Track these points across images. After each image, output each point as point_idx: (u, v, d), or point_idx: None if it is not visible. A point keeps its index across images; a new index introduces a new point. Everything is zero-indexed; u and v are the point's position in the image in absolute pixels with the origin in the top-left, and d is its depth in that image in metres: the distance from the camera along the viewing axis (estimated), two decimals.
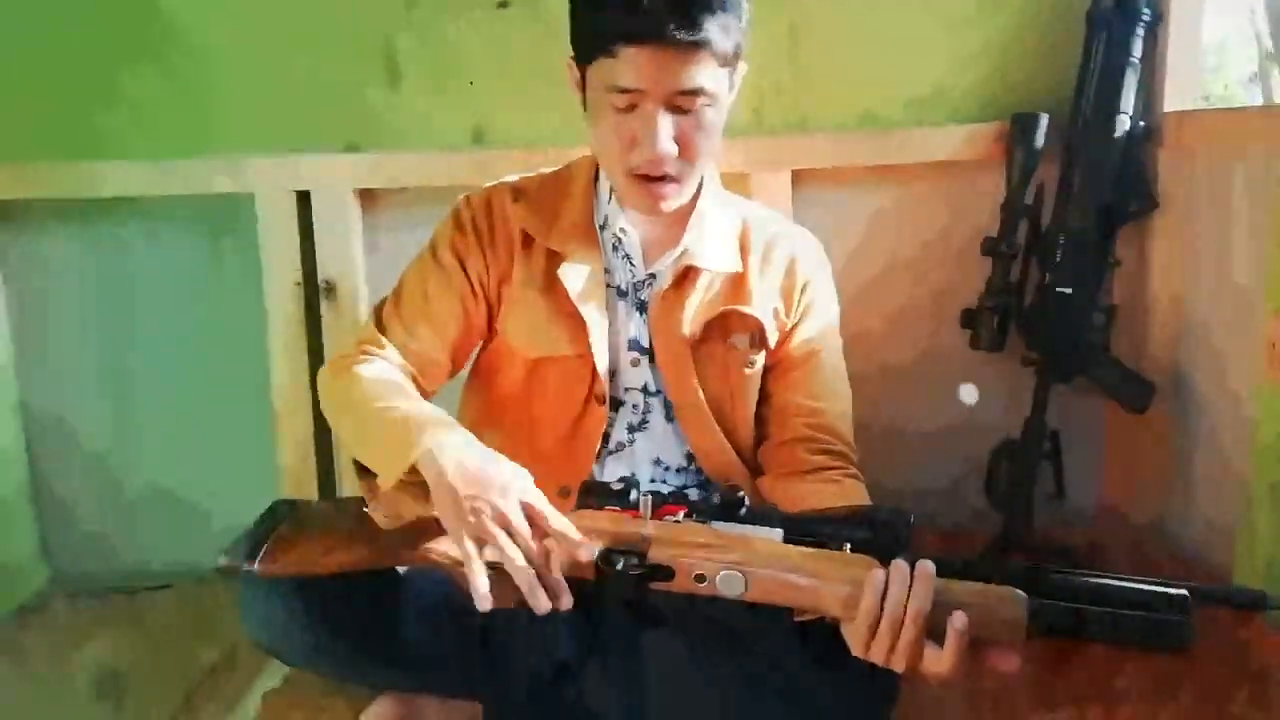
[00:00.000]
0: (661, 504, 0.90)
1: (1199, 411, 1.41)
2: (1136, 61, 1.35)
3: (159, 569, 1.58)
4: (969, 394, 1.51)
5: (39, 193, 1.51)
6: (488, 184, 1.13)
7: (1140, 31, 1.35)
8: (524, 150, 1.46)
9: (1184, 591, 0.74)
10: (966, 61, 1.48)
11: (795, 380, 1.12)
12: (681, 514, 0.90)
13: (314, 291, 1.51)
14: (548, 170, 1.14)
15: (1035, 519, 1.42)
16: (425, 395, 1.06)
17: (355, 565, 0.95)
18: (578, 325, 1.06)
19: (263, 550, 0.95)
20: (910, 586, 0.76)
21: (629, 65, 0.94)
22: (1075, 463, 1.45)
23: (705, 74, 0.94)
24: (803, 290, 1.12)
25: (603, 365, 1.07)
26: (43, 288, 1.57)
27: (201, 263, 1.56)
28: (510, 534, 0.85)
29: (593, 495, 0.91)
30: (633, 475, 1.11)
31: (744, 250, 1.11)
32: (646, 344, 1.10)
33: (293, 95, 1.50)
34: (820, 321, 1.14)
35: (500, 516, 0.85)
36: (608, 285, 1.09)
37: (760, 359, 1.11)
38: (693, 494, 1.10)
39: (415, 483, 0.91)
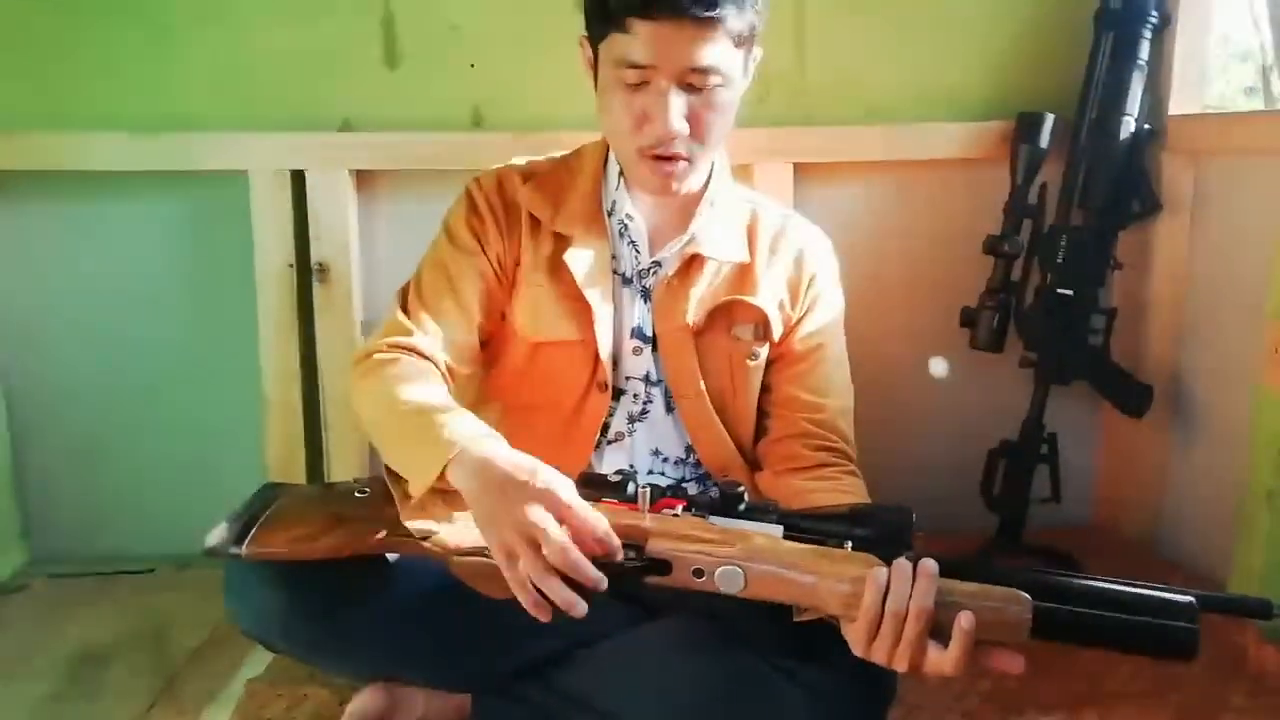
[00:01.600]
0: (659, 497, 0.87)
1: (1197, 416, 1.40)
2: (1143, 64, 1.35)
3: (142, 552, 1.55)
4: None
5: (19, 164, 1.46)
6: (491, 166, 1.11)
7: (1147, 34, 1.35)
8: (523, 133, 1.44)
9: (1191, 598, 0.73)
10: (973, 59, 1.47)
11: (798, 375, 1.10)
12: (680, 508, 0.88)
13: (306, 274, 1.48)
14: (558, 154, 1.12)
15: (1031, 521, 1.42)
16: (459, 382, 1.06)
17: (346, 550, 0.93)
18: (583, 310, 1.05)
19: (251, 533, 0.93)
20: (913, 585, 0.75)
21: (642, 40, 0.93)
22: (1072, 466, 1.44)
23: (719, 52, 0.94)
24: (810, 284, 1.11)
25: (605, 352, 1.05)
26: (25, 266, 1.53)
27: (190, 243, 1.53)
28: (546, 544, 0.79)
29: (590, 487, 0.87)
30: (630, 466, 1.09)
31: (752, 240, 1.10)
32: (650, 332, 1.09)
33: (288, 72, 1.47)
34: (826, 316, 1.12)
35: (533, 532, 0.79)
36: (614, 272, 1.08)
37: (764, 351, 1.10)
38: (691, 488, 1.10)
39: (447, 490, 0.88)
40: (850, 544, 0.82)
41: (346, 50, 1.47)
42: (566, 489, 0.83)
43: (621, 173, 1.07)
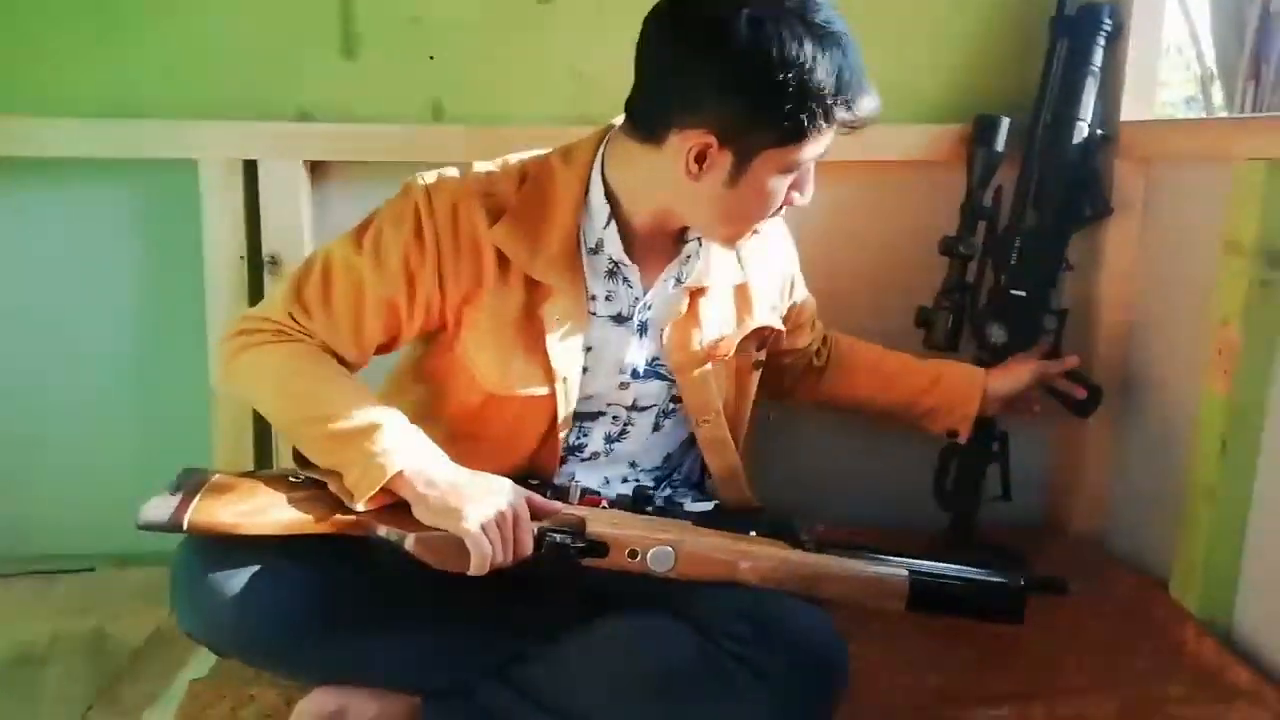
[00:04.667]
0: (585, 495, 1.01)
1: (1144, 417, 1.43)
2: (1096, 71, 1.37)
3: (82, 550, 1.50)
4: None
5: None
6: (447, 171, 1.03)
7: (1101, 41, 1.37)
8: (485, 126, 1.43)
9: (1020, 578, 1.01)
10: (932, 62, 1.48)
11: (798, 334, 1.27)
12: (604, 503, 1.00)
13: (258, 266, 1.45)
14: (514, 162, 1.05)
15: (983, 519, 1.44)
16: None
17: (296, 528, 0.92)
18: (552, 365, 1.02)
19: (194, 503, 0.91)
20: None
21: (827, 136, 0.94)
22: (1023, 464, 1.46)
23: None
24: (791, 285, 1.23)
25: (566, 412, 1.04)
26: None
27: (140, 232, 1.48)
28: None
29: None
30: (605, 479, 1.12)
31: (737, 250, 1.11)
32: (642, 368, 1.08)
33: (242, 60, 1.44)
34: (801, 287, 1.26)
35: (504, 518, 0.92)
36: (594, 314, 1.05)
37: (764, 354, 1.17)
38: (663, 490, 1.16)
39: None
40: (753, 533, 0.99)
41: (302, 39, 1.45)
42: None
43: (613, 213, 1.02)
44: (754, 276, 1.13)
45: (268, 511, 0.93)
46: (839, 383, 1.33)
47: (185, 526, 0.89)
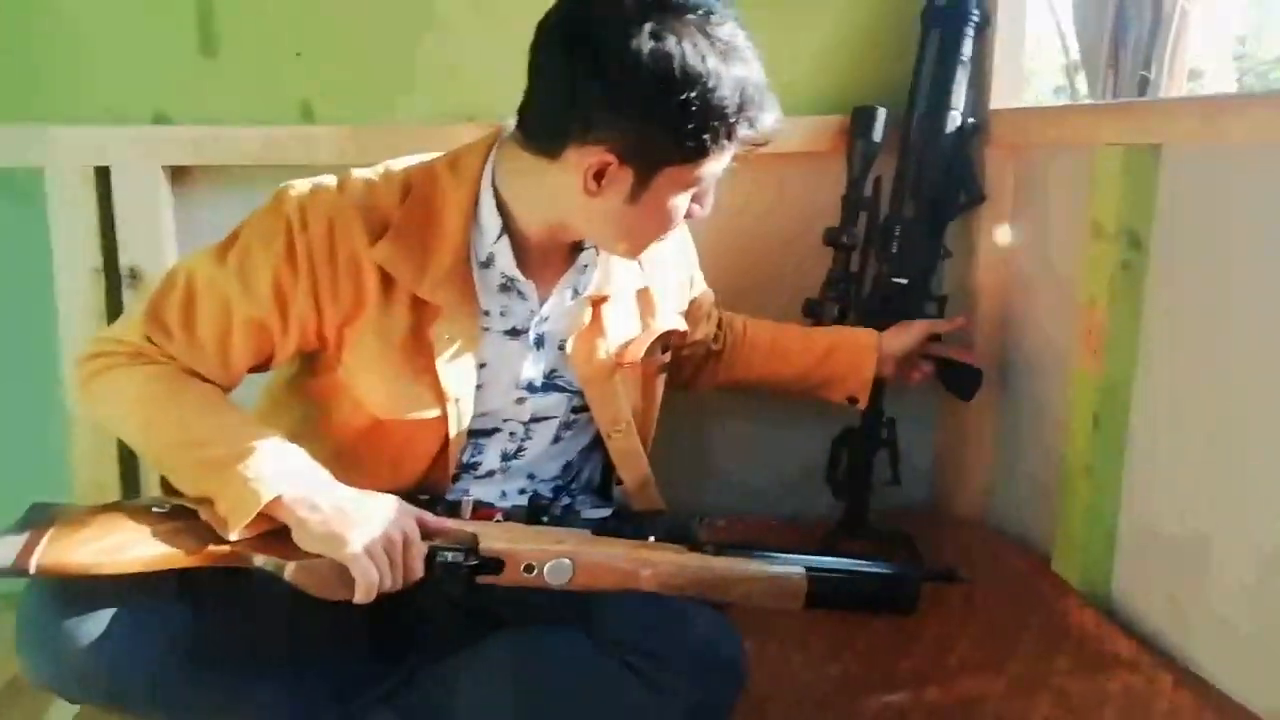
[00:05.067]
0: (478, 509, 0.98)
1: (1022, 398, 1.48)
2: (966, 61, 1.40)
3: None
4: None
5: None
6: (323, 180, 0.96)
7: (970, 32, 1.40)
8: (358, 126, 1.37)
9: (912, 569, 1.04)
10: (809, 54, 1.49)
11: (697, 327, 1.26)
12: (499, 515, 0.98)
13: (117, 279, 1.37)
14: (397, 172, 0.98)
15: (874, 506, 1.46)
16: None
17: (162, 564, 0.86)
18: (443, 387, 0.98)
19: (41, 544, 0.84)
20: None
21: (729, 151, 0.91)
22: (912, 449, 1.49)
23: None
24: (691, 281, 1.23)
25: (457, 430, 1.01)
26: None
27: None
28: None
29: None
30: (502, 494, 1.09)
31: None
32: (539, 382, 1.05)
33: (92, 58, 1.35)
34: (700, 282, 1.26)
35: (395, 534, 0.88)
36: (488, 330, 1.01)
37: (669, 356, 1.16)
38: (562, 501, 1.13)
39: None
40: (652, 538, 0.97)
41: (157, 37, 1.36)
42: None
43: (504, 227, 0.97)
44: (655, 280, 1.11)
45: (130, 547, 0.87)
46: (736, 367, 1.33)
47: (33, 570, 0.83)
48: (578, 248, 1.04)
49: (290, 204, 0.94)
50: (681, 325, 1.16)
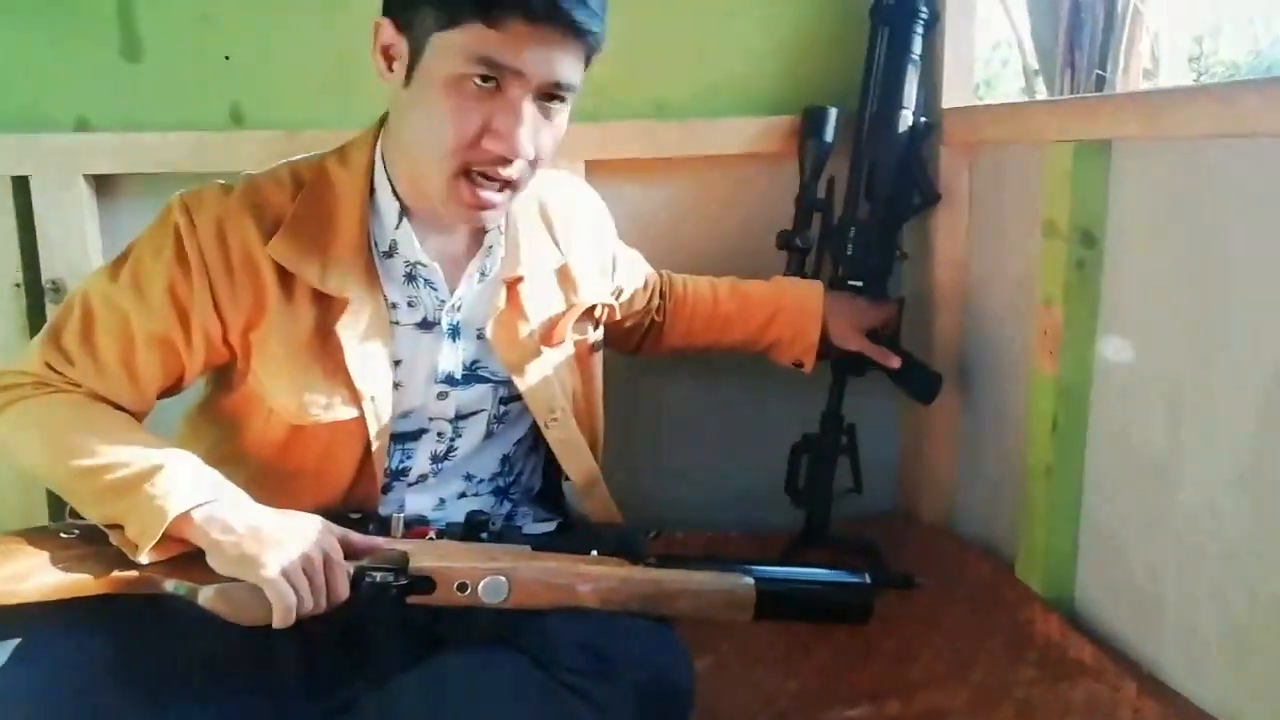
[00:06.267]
0: (411, 526, 0.93)
1: (982, 401, 1.45)
2: (916, 59, 1.38)
3: None
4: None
5: None
6: (208, 184, 0.93)
7: (919, 29, 1.38)
8: (291, 131, 1.32)
9: (867, 578, 0.94)
10: (759, 53, 1.46)
11: (635, 298, 1.23)
12: (432, 533, 0.92)
13: (39, 293, 1.31)
14: (284, 168, 0.95)
15: (837, 514, 1.43)
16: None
17: (67, 591, 0.81)
18: (356, 385, 0.94)
19: None
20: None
21: (513, 38, 0.82)
22: (873, 456, 1.46)
23: (578, 69, 0.88)
24: (614, 261, 1.17)
25: (376, 428, 0.96)
26: None
27: None
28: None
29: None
30: (440, 501, 1.04)
31: (552, 234, 1.05)
32: (459, 374, 1.01)
33: (8, 62, 1.29)
34: (625, 259, 1.20)
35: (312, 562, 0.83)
36: (397, 323, 0.96)
37: (601, 333, 1.12)
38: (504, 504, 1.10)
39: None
40: (595, 552, 0.92)
41: (77, 41, 1.31)
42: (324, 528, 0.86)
43: (403, 211, 0.94)
44: (573, 256, 1.07)
45: (31, 576, 0.81)
46: (677, 334, 1.31)
47: None
48: (483, 233, 1.00)
49: (177, 210, 0.92)
50: (607, 299, 1.12)
